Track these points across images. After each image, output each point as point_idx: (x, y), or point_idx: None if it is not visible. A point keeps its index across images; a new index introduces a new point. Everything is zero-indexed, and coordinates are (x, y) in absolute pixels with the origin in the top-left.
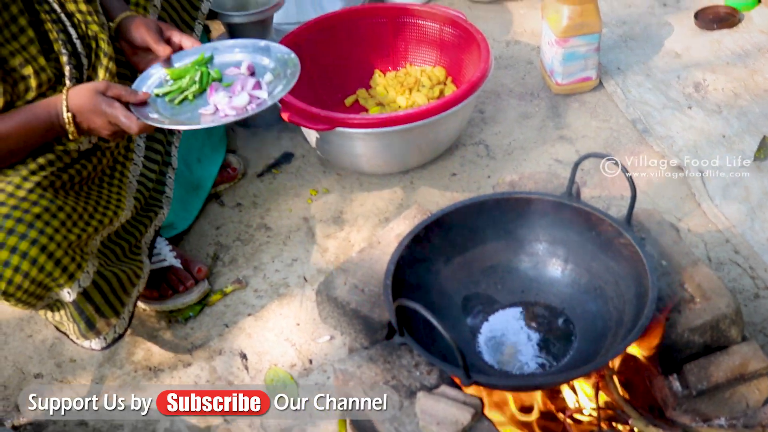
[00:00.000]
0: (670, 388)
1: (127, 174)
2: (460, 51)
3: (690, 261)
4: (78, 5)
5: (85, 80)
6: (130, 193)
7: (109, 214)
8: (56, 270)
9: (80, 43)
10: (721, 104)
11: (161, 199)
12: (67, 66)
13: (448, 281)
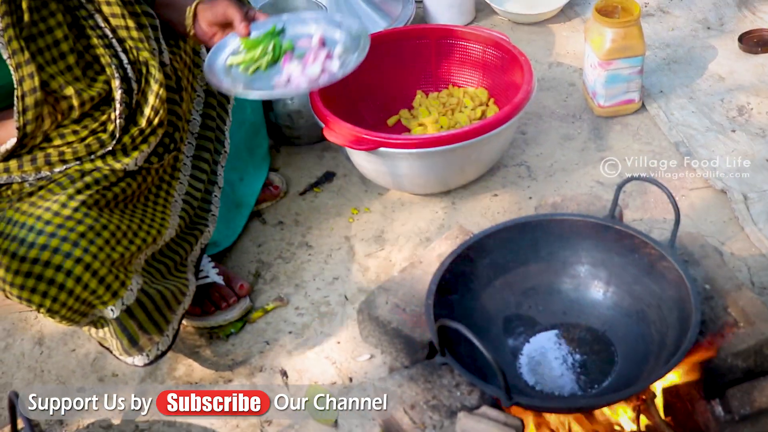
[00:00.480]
0: (712, 412)
1: (172, 193)
2: (503, 72)
3: (734, 285)
4: (129, 32)
5: (134, 105)
6: (174, 212)
7: (153, 232)
8: (100, 288)
9: (131, 68)
10: (765, 128)
11: (207, 218)
12: (119, 90)
13: (490, 302)
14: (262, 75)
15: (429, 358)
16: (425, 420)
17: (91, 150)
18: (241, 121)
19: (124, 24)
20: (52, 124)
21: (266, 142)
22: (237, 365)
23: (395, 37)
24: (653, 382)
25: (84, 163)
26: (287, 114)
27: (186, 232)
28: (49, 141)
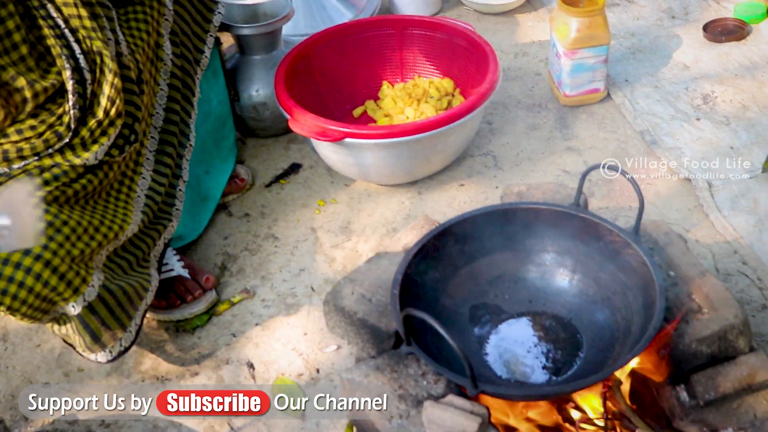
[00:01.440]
0: (677, 398)
1: (134, 188)
2: (469, 62)
3: (698, 272)
4: (82, 21)
5: (89, 95)
6: (137, 207)
7: (115, 228)
8: (61, 285)
9: (83, 58)
10: (729, 116)
11: (171, 212)
12: (70, 81)
13: (456, 291)
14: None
15: (395, 347)
16: (392, 410)
17: (50, 144)
18: (207, 113)
19: (77, 13)
20: (6, 117)
21: (233, 134)
22: (203, 358)
23: (361, 28)
24: (618, 368)
25: (43, 158)
26: (252, 106)
27: (149, 227)
28: (6, 137)
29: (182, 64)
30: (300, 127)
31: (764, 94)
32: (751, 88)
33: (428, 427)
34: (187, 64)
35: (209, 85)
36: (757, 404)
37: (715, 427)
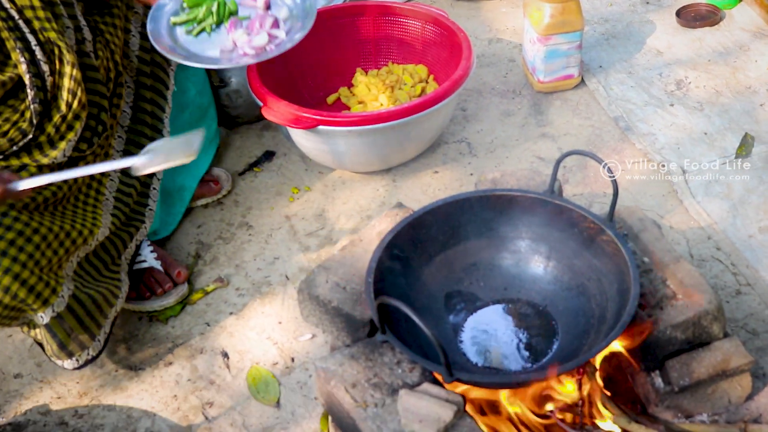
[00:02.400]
0: (652, 384)
1: (103, 191)
2: (442, 49)
3: (672, 258)
4: (36, 12)
5: (50, 87)
6: (107, 210)
7: (85, 233)
8: (30, 297)
9: (40, 49)
10: (702, 102)
11: (144, 213)
12: (27, 74)
13: (431, 279)
14: (207, 40)
15: (370, 336)
16: (367, 398)
17: (15, 142)
18: (184, 105)
19: (29, 3)
20: None
21: (214, 123)
22: (177, 347)
23: (334, 15)
24: (593, 355)
25: (10, 158)
26: (226, 93)
27: (121, 230)
28: None
29: (152, 57)
30: (273, 114)
31: (737, 80)
32: (724, 74)
33: (403, 415)
34: (158, 57)
35: (186, 75)
36: (732, 389)
37: (690, 412)
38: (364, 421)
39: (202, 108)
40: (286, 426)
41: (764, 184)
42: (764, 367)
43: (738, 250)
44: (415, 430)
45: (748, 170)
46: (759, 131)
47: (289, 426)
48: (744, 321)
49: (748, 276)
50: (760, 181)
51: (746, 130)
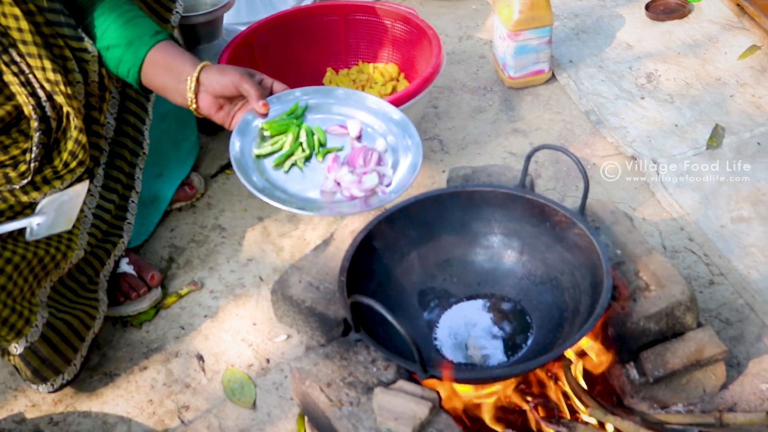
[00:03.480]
0: (627, 376)
1: (82, 208)
2: (412, 47)
3: (644, 249)
4: (45, 74)
5: (53, 144)
6: (84, 229)
7: (58, 257)
8: (3, 329)
9: (49, 105)
10: (673, 94)
11: (122, 227)
12: (37, 132)
13: (404, 276)
14: (300, 176)
15: (344, 335)
16: (342, 397)
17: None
18: (164, 114)
19: (41, 65)
20: None
21: (194, 134)
22: (152, 352)
23: (304, 15)
24: (567, 348)
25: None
26: None
27: (98, 247)
28: None
29: None
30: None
31: (707, 72)
32: (694, 66)
33: (379, 413)
34: None
35: None
36: (706, 379)
37: (666, 403)
38: (340, 420)
39: (181, 117)
40: (262, 427)
41: (735, 174)
42: (738, 357)
43: (710, 241)
44: (391, 427)
45: (718, 161)
46: (729, 122)
47: (266, 427)
48: (717, 311)
49: (720, 266)
50: (731, 171)
51: (717, 121)
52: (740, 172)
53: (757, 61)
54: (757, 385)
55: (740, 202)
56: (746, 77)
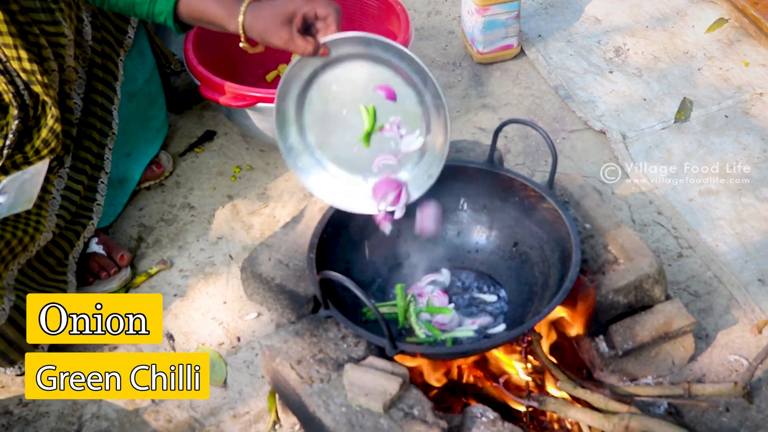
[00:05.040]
0: (596, 349)
1: (50, 189)
2: (380, 23)
3: (613, 223)
4: (21, 63)
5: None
6: (52, 211)
7: (25, 240)
8: None
9: (27, 94)
10: (641, 68)
11: (92, 208)
12: (16, 121)
13: (374, 253)
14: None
15: (314, 312)
16: (312, 374)
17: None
18: (132, 94)
19: (17, 55)
20: None
21: (163, 113)
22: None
23: None
24: (536, 322)
25: None
26: (181, 80)
27: (68, 228)
28: None
29: (103, 48)
30: (212, 93)
31: (675, 45)
32: (662, 39)
33: (349, 389)
34: (108, 48)
35: (134, 64)
36: (675, 351)
37: (635, 375)
38: (310, 397)
39: (150, 97)
40: (233, 406)
41: (703, 147)
42: (706, 329)
43: (679, 214)
44: (362, 403)
45: (687, 134)
46: (697, 95)
47: (237, 405)
48: (686, 283)
49: (689, 239)
50: (699, 144)
51: (685, 94)
52: (708, 145)
53: (725, 34)
54: (725, 357)
55: (708, 175)
56: (714, 50)
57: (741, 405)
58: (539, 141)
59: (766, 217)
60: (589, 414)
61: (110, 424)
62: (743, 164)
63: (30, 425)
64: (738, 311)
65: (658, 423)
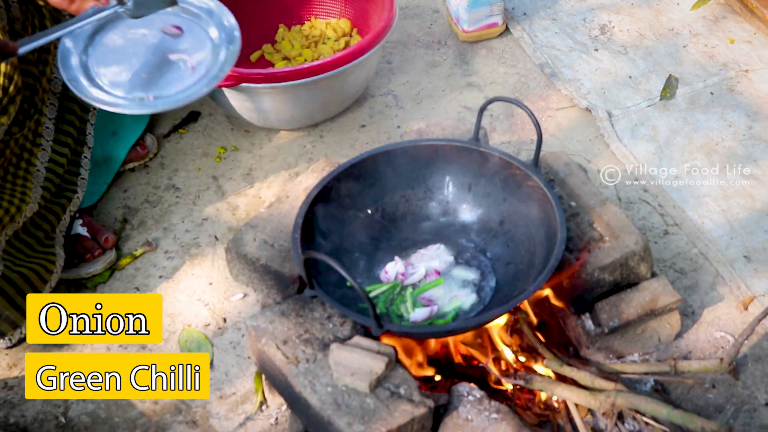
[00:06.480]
0: (583, 327)
1: (34, 161)
2: (365, 2)
3: (598, 201)
4: None
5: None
6: (37, 183)
7: (12, 210)
8: None
9: None
10: (627, 45)
11: (76, 182)
12: None
13: (359, 232)
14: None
15: (300, 292)
16: (298, 354)
17: None
18: None
19: None
20: None
21: None
22: None
23: None
24: (521, 300)
25: None
26: None
27: (52, 202)
28: None
29: None
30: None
31: (660, 23)
32: (647, 17)
33: (335, 369)
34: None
35: None
36: (661, 328)
37: (621, 353)
38: (296, 377)
39: None
40: (220, 386)
41: (689, 125)
42: (692, 306)
43: (665, 192)
44: (348, 383)
45: (672, 112)
46: (683, 73)
47: (223, 386)
48: (672, 261)
49: (675, 216)
50: (684, 122)
51: (670, 72)
52: (694, 123)
53: (710, 11)
54: (711, 333)
55: (694, 153)
56: (699, 27)
57: (727, 381)
58: (525, 119)
59: (752, 194)
60: (576, 392)
61: (96, 406)
62: (729, 141)
63: (16, 408)
64: (724, 288)
65: (644, 400)
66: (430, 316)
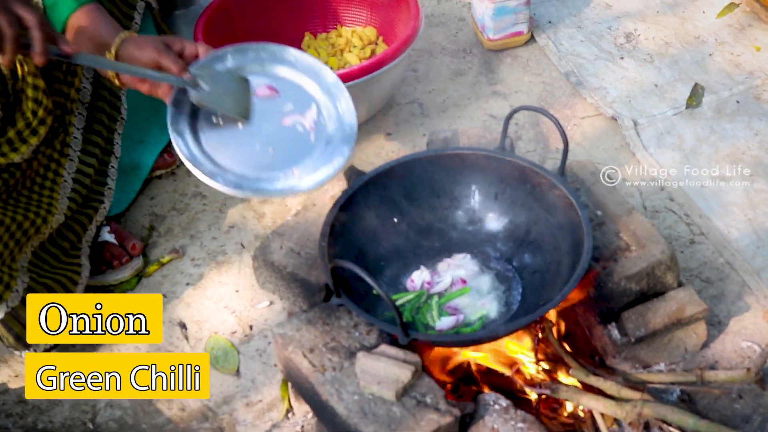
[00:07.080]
0: (609, 336)
1: (61, 172)
2: (391, 10)
3: (624, 210)
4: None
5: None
6: (63, 194)
7: (38, 222)
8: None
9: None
10: (652, 53)
11: (103, 192)
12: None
13: (385, 240)
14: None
15: (326, 300)
16: (324, 362)
17: None
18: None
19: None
20: None
21: None
22: None
23: None
24: (548, 310)
25: None
26: None
27: (79, 212)
28: None
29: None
30: None
31: (686, 30)
32: (673, 25)
33: (362, 377)
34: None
35: None
36: (687, 338)
37: (647, 362)
38: (323, 386)
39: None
40: (246, 394)
41: (715, 133)
42: (719, 315)
43: (691, 200)
44: (374, 391)
45: (698, 120)
46: (709, 81)
47: (250, 394)
48: (698, 270)
49: (701, 225)
50: (710, 131)
51: (696, 80)
52: (720, 131)
53: (736, 19)
54: (737, 343)
55: (720, 161)
56: (725, 35)
57: (754, 391)
58: (550, 128)
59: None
60: (602, 401)
61: (124, 413)
62: (755, 150)
63: (44, 414)
64: (750, 297)
65: (670, 410)
66: (456, 324)
